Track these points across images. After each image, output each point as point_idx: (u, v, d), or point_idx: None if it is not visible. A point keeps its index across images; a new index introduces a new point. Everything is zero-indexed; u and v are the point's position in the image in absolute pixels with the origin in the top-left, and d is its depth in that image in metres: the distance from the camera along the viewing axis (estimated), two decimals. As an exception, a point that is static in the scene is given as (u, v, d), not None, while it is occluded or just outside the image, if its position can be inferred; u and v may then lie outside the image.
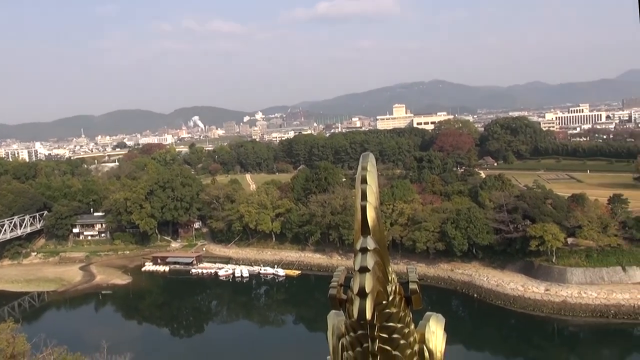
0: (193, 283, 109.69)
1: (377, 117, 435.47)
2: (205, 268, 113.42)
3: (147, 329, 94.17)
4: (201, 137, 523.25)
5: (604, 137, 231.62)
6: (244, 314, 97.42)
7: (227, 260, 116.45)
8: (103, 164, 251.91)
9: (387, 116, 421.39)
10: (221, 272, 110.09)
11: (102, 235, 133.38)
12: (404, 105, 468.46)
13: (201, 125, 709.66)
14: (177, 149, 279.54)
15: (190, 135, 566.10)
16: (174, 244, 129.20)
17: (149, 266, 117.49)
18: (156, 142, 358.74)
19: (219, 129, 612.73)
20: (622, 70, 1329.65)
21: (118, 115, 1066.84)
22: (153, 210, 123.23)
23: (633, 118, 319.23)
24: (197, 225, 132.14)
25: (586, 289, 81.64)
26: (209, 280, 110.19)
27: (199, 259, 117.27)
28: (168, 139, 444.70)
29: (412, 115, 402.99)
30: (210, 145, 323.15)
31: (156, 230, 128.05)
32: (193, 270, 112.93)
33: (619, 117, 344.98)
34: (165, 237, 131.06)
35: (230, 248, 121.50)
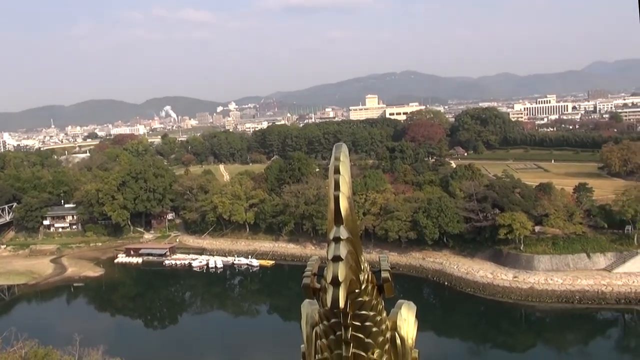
0: (167, 274, 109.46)
1: (350, 108, 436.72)
2: (179, 259, 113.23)
3: (121, 321, 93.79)
4: (174, 127, 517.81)
5: (570, 127, 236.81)
6: (218, 305, 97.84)
7: (201, 251, 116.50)
8: (74, 155, 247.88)
9: (360, 107, 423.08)
10: (195, 263, 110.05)
11: (74, 227, 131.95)
12: (377, 96, 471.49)
13: (174, 115, 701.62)
14: (149, 140, 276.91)
15: (162, 125, 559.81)
16: (147, 236, 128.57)
17: (121, 258, 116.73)
18: (128, 132, 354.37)
19: (191, 119, 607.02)
20: (588, 62, 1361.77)
21: (89, 106, 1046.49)
22: (125, 202, 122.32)
23: (598, 109, 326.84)
24: (170, 216, 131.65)
25: (552, 276, 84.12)
26: (183, 271, 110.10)
27: (173, 250, 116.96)
28: (140, 130, 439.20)
29: (384, 105, 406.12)
30: (183, 136, 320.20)
31: (129, 222, 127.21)
32: (167, 262, 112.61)
33: (585, 108, 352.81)
34: (138, 229, 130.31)
35: (204, 239, 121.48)
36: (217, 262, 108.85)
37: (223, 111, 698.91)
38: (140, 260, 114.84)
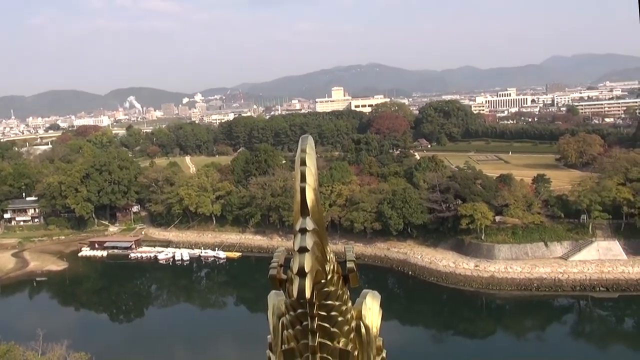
0: (132, 267, 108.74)
1: (316, 100, 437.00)
2: (144, 252, 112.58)
3: (85, 315, 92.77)
4: (139, 118, 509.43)
5: (530, 120, 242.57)
6: (184, 297, 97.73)
7: (167, 243, 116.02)
8: (35, 147, 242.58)
9: (326, 99, 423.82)
10: (161, 256, 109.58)
11: (36, 220, 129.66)
12: (342, 88, 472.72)
13: (138, 106, 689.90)
14: (113, 131, 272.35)
15: (127, 117, 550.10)
16: (112, 228, 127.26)
17: (85, 251, 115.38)
18: (91, 124, 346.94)
19: (157, 110, 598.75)
20: (547, 56, 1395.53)
21: (50, 96, 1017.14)
22: (89, 194, 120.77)
23: (556, 102, 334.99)
24: (135, 208, 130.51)
25: (512, 264, 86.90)
26: (149, 264, 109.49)
27: (138, 243, 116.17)
28: (104, 121, 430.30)
29: (350, 98, 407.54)
30: (148, 128, 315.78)
31: (93, 215, 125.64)
32: (132, 255, 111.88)
33: (543, 101, 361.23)
34: (103, 222, 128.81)
35: (170, 231, 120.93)
36: (183, 254, 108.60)
37: (189, 102, 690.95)
38: (105, 253, 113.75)
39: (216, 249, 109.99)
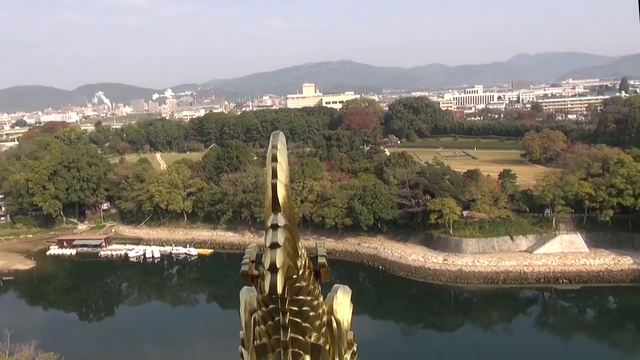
0: (102, 265, 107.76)
1: (288, 96, 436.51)
2: (114, 250, 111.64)
3: (54, 314, 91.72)
4: (108, 115, 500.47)
5: (496, 116, 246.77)
6: (156, 295, 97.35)
7: (138, 241, 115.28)
8: (1, 144, 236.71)
9: (297, 95, 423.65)
10: (131, 254, 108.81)
11: (2, 218, 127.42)
12: (313, 85, 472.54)
13: (107, 102, 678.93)
14: (82, 127, 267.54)
15: (96, 113, 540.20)
16: (81, 226, 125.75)
17: (54, 250, 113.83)
18: (59, 119, 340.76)
19: (126, 106, 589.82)
20: (512, 54, 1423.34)
21: (17, 92, 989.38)
22: (57, 192, 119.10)
23: (521, 99, 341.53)
24: (105, 206, 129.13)
25: (479, 258, 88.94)
26: (119, 262, 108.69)
27: (108, 241, 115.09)
28: (72, 117, 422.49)
29: (321, 94, 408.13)
30: (118, 124, 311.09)
31: (61, 213, 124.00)
32: (102, 253, 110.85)
33: (509, 98, 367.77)
34: (72, 219, 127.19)
35: (140, 229, 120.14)
36: (154, 251, 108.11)
37: (159, 98, 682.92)
38: (74, 251, 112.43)
39: (187, 246, 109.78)
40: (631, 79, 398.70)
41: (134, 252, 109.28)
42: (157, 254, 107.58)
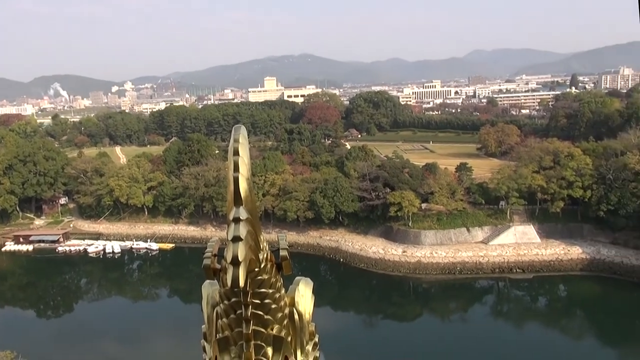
0: (60, 261, 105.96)
1: (249, 90, 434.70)
2: (73, 245, 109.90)
3: (10, 312, 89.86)
4: (66, 107, 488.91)
5: (453, 111, 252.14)
6: (116, 291, 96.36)
7: (97, 236, 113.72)
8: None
9: (259, 89, 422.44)
10: (91, 249, 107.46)
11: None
12: (275, 78, 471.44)
13: (65, 94, 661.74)
14: (38, 120, 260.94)
15: (53, 105, 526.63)
16: (38, 222, 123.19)
17: (10, 246, 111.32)
18: (14, 112, 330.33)
19: (85, 99, 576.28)
20: (469, 50, 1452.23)
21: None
22: (13, 186, 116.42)
23: (477, 94, 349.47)
24: (63, 200, 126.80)
25: (437, 249, 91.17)
26: (78, 257, 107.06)
27: (66, 236, 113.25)
28: (28, 110, 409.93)
29: (282, 88, 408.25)
30: (76, 117, 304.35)
31: (17, 208, 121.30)
32: (60, 248, 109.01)
33: (466, 93, 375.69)
34: (28, 215, 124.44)
35: (100, 223, 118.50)
36: (114, 247, 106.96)
37: (118, 91, 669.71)
38: (30, 247, 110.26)
39: (148, 240, 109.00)
40: (581, 75, 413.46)
41: (94, 247, 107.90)
42: (117, 249, 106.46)
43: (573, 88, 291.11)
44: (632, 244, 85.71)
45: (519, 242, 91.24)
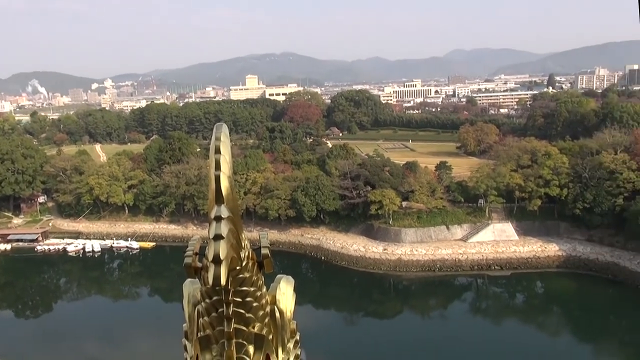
0: (39, 261, 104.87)
1: (231, 88, 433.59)
2: (52, 244, 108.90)
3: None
4: (44, 104, 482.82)
5: (433, 110, 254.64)
6: (96, 290, 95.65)
7: (77, 235, 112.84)
8: None
9: (241, 87, 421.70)
10: (70, 248, 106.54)
11: None
12: (257, 77, 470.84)
13: (43, 91, 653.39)
14: (16, 118, 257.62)
15: (31, 102, 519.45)
16: (16, 220, 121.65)
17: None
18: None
19: (64, 96, 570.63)
20: (449, 49, 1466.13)
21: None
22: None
23: (456, 93, 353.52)
24: (41, 199, 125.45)
25: (417, 247, 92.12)
26: (57, 256, 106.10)
27: (45, 235, 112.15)
28: (5, 107, 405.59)
29: (264, 86, 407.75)
30: (55, 114, 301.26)
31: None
32: (39, 247, 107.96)
33: (445, 92, 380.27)
34: (6, 213, 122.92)
35: (79, 222, 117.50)
36: (94, 245, 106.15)
37: (98, 88, 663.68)
38: (8, 246, 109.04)
39: (129, 239, 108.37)
40: (558, 76, 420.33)
41: (73, 246, 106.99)
42: (97, 248, 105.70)
43: (550, 88, 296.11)
44: (607, 242, 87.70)
45: (498, 240, 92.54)
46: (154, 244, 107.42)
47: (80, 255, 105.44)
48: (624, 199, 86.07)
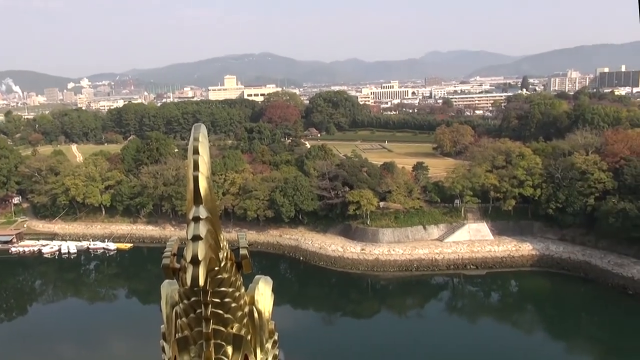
0: (13, 263, 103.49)
1: (209, 88, 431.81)
2: (27, 246, 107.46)
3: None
4: (19, 104, 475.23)
5: (410, 111, 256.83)
6: (72, 292, 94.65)
7: (52, 236, 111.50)
8: None
9: (219, 87, 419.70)
10: (46, 250, 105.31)
11: None
12: (235, 77, 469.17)
13: (18, 90, 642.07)
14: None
15: (6, 102, 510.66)
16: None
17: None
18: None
19: (39, 95, 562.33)
20: (425, 51, 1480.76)
21: None
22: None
23: (433, 95, 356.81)
24: (16, 200, 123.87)
25: (394, 247, 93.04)
26: (32, 258, 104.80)
27: (20, 237, 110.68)
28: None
29: (242, 86, 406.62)
30: (30, 114, 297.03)
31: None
32: (13, 249, 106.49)
33: (422, 93, 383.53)
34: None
35: (55, 223, 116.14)
36: (70, 247, 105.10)
37: (75, 88, 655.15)
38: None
39: (106, 240, 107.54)
40: (531, 78, 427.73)
41: (49, 247, 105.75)
42: (73, 250, 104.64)
43: (524, 90, 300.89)
44: (579, 241, 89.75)
45: (473, 240, 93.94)
46: (132, 245, 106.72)
47: (56, 257, 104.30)
48: (595, 199, 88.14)
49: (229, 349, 2.78)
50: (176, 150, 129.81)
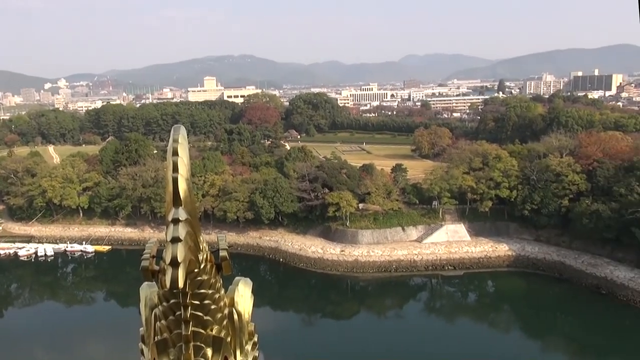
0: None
1: (189, 89, 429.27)
2: (2, 249, 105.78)
3: None
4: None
5: (389, 113, 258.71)
6: (49, 295, 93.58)
7: (29, 239, 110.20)
8: None
9: (199, 88, 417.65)
10: (22, 252, 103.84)
11: None
12: (215, 78, 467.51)
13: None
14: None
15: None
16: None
17: None
18: None
19: (15, 96, 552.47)
20: (403, 54, 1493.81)
21: None
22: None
23: (412, 97, 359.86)
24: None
25: (374, 248, 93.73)
26: (8, 261, 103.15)
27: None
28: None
29: (222, 88, 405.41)
30: (6, 114, 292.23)
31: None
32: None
33: (401, 96, 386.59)
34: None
35: (31, 226, 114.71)
36: (47, 249, 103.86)
37: (52, 88, 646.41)
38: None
39: (84, 242, 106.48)
40: (507, 81, 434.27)
41: (25, 250, 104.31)
42: (50, 252, 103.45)
43: (500, 93, 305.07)
44: (554, 241, 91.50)
45: (451, 241, 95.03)
46: (110, 247, 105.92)
47: (33, 260, 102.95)
48: (569, 200, 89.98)
49: (209, 351, 2.78)
50: (155, 151, 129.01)
